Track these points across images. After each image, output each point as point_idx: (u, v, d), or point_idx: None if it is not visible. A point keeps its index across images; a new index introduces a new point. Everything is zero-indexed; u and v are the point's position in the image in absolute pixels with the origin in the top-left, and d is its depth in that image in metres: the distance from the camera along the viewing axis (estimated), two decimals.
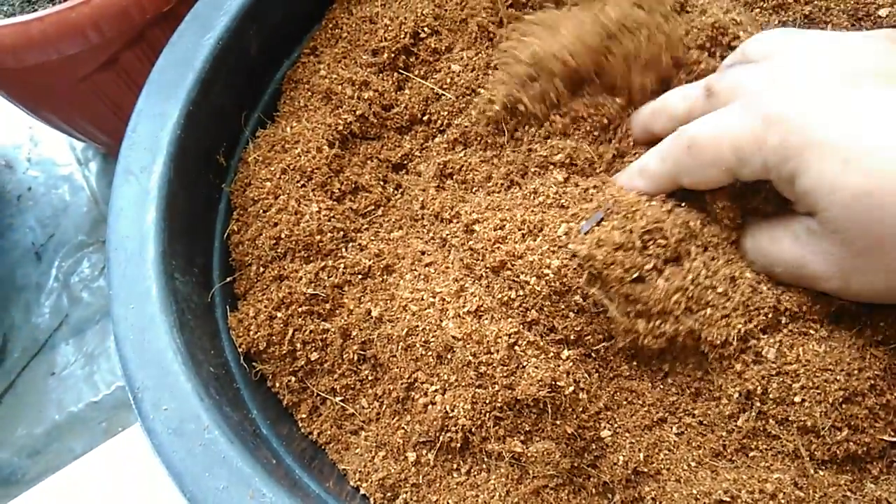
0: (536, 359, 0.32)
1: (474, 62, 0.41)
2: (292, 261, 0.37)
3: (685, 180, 0.33)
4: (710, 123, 0.31)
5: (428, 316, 0.34)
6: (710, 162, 0.31)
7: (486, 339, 0.32)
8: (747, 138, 0.29)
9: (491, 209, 0.37)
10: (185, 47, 0.40)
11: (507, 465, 0.32)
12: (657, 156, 0.34)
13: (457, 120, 0.41)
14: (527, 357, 0.32)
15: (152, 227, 0.35)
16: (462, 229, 0.36)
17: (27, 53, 0.49)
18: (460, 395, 0.32)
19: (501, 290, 0.34)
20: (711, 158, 0.31)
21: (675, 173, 0.33)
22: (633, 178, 0.35)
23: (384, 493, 0.34)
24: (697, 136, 0.32)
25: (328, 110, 0.41)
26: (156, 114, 0.38)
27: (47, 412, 0.65)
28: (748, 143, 0.29)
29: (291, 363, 0.36)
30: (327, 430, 0.36)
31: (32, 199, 0.76)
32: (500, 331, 0.32)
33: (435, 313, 0.34)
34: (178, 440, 0.30)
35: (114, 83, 0.55)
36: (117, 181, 0.36)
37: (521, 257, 0.33)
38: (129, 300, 0.33)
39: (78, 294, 0.70)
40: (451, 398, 0.33)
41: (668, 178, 0.34)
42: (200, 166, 0.39)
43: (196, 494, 0.29)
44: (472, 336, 0.33)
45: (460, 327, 0.33)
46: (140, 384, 0.31)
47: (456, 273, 0.35)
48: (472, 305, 0.34)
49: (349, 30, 0.44)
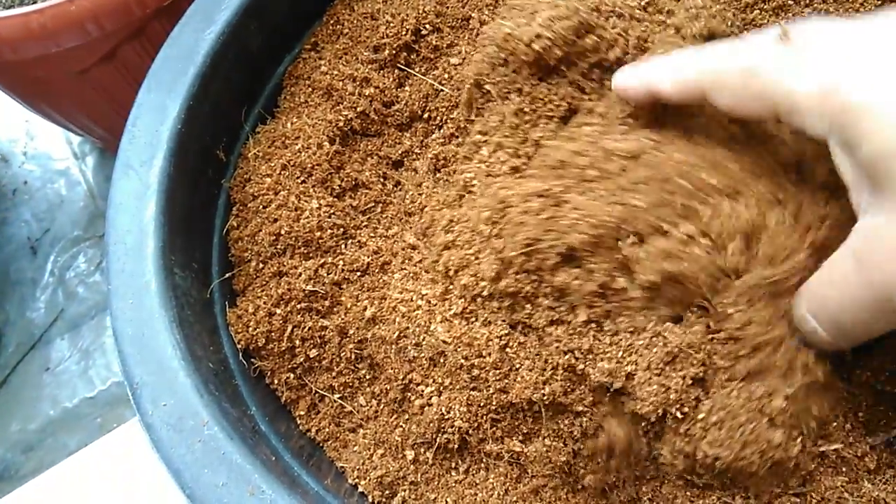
0: (530, 360, 0.32)
1: (471, 56, 0.41)
2: (292, 257, 0.37)
3: (721, 100, 0.29)
4: (777, 62, 0.28)
5: (417, 318, 0.34)
6: (760, 96, 0.28)
7: (476, 343, 0.32)
8: (814, 95, 0.26)
9: (447, 206, 0.37)
10: (185, 42, 0.39)
11: (505, 464, 0.32)
12: (699, 64, 0.30)
13: (453, 114, 0.41)
14: (519, 360, 0.32)
15: (152, 221, 0.35)
16: (425, 228, 0.37)
17: (26, 46, 0.49)
18: (455, 398, 0.32)
19: (462, 293, 0.34)
20: (766, 96, 0.28)
21: (714, 89, 0.29)
22: (658, 69, 0.31)
23: (382, 491, 0.34)
24: (760, 67, 0.28)
25: (329, 106, 0.41)
26: (156, 108, 0.38)
27: (42, 408, 0.65)
28: (811, 98, 0.26)
29: (290, 360, 0.36)
30: (326, 427, 0.36)
31: (28, 194, 0.75)
32: (491, 333, 0.32)
33: (424, 315, 0.34)
34: (177, 436, 0.30)
35: (113, 77, 0.55)
36: (117, 175, 0.36)
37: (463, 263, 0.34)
38: (128, 295, 0.33)
39: (73, 289, 0.70)
40: (447, 400, 0.32)
41: (698, 90, 0.30)
42: (200, 161, 0.39)
43: (195, 490, 0.29)
44: (462, 339, 0.33)
45: (449, 331, 0.33)
46: (139, 379, 0.31)
47: (436, 274, 0.36)
48: (458, 307, 0.34)
49: (350, 26, 0.44)
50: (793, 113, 0.27)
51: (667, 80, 0.31)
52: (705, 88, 0.30)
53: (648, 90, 0.32)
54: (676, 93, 0.31)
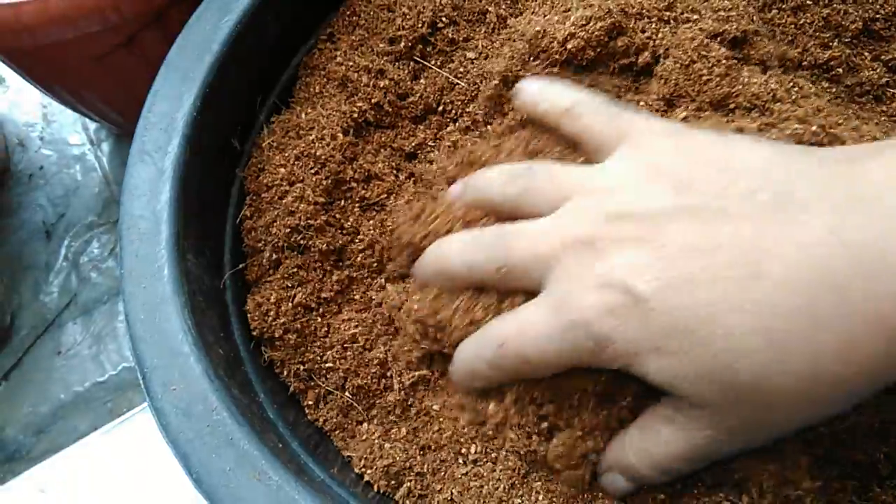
0: None
1: (489, 51, 0.41)
2: (306, 250, 0.37)
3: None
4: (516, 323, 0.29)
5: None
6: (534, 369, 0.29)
7: None
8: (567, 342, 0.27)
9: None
10: (203, 29, 0.40)
11: (515, 456, 0.32)
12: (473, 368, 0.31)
13: (469, 108, 0.40)
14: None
15: (166, 207, 0.35)
16: None
17: (45, 31, 0.49)
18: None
19: None
20: (547, 369, 0.29)
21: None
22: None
23: (388, 481, 0.34)
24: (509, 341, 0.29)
25: (343, 98, 0.41)
26: (172, 95, 0.38)
27: (53, 391, 0.65)
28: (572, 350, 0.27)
29: (303, 354, 0.36)
30: (333, 417, 0.36)
31: (44, 178, 0.76)
32: None
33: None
34: (186, 421, 0.30)
35: (130, 63, 0.55)
36: (132, 161, 0.37)
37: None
38: (141, 279, 0.33)
39: (87, 274, 0.70)
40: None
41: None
42: (215, 149, 0.39)
43: (202, 475, 0.29)
44: None
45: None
46: (149, 364, 0.32)
47: None
48: None
49: (367, 17, 0.44)
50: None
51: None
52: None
53: None
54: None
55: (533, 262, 0.29)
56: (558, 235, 0.28)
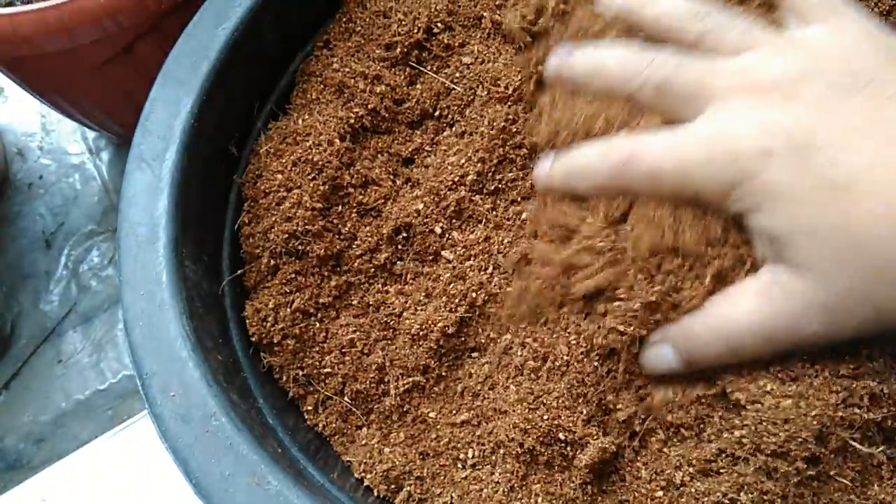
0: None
1: (485, 55, 0.41)
2: (304, 256, 0.38)
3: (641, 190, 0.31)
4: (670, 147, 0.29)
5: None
6: (670, 192, 0.29)
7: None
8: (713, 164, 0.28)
9: None
10: (200, 37, 0.40)
11: (514, 460, 0.32)
12: (599, 172, 0.31)
13: (466, 112, 0.41)
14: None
15: (164, 214, 0.35)
16: None
17: (42, 41, 0.49)
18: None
19: None
20: (671, 189, 0.29)
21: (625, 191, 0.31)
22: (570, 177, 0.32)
23: (388, 486, 0.34)
24: (659, 164, 0.29)
25: (340, 103, 0.41)
26: (170, 102, 0.38)
27: (54, 399, 0.65)
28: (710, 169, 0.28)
29: (302, 360, 0.36)
30: (333, 422, 0.36)
31: (43, 188, 0.76)
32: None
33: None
34: (185, 426, 0.30)
35: (128, 72, 0.55)
36: (129, 168, 0.37)
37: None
38: (139, 286, 0.33)
39: (87, 282, 0.70)
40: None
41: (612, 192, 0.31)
42: (213, 156, 0.39)
43: (201, 480, 0.29)
44: None
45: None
46: (148, 370, 0.32)
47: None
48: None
49: (363, 24, 0.44)
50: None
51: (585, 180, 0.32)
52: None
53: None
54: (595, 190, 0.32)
55: (699, 89, 0.29)
56: (738, 76, 0.29)
